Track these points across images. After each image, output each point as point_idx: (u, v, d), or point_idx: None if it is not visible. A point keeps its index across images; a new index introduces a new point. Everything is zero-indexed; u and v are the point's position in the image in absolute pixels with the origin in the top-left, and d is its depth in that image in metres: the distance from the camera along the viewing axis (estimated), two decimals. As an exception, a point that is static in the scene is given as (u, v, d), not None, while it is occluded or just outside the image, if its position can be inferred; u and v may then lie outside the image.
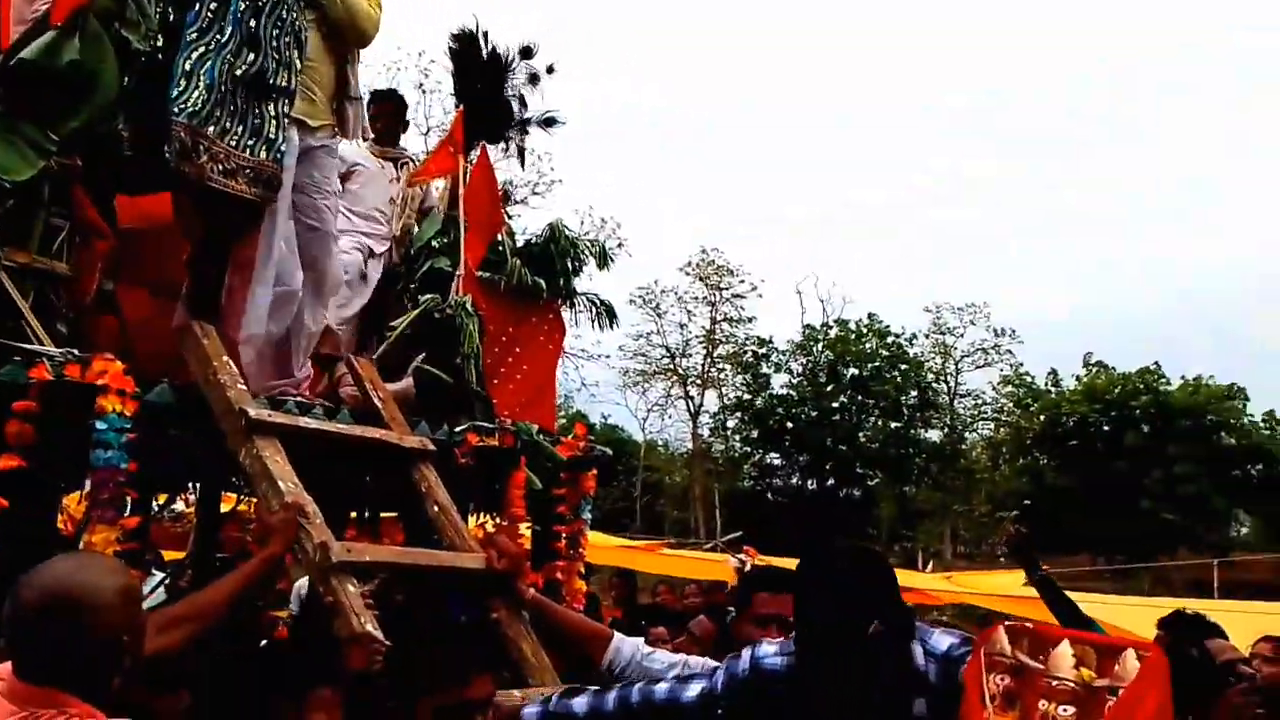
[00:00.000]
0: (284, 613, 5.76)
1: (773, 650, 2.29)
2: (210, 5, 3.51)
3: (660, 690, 2.37)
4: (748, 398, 35.40)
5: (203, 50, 3.47)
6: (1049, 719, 1.92)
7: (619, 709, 2.38)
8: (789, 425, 34.14)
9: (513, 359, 5.25)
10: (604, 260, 5.75)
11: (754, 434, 35.24)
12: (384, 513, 5.32)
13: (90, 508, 2.94)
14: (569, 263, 5.39)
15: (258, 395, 3.42)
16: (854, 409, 34.48)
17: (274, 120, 3.66)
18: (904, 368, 34.61)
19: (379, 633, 2.69)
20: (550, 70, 5.45)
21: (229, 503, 5.33)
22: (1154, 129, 57.86)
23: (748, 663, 2.29)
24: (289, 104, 3.74)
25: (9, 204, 3.21)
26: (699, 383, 35.63)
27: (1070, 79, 60.89)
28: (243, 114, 3.57)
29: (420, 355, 4.47)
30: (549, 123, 5.57)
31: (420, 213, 5.39)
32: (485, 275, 5.15)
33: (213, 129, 3.46)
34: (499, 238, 5.36)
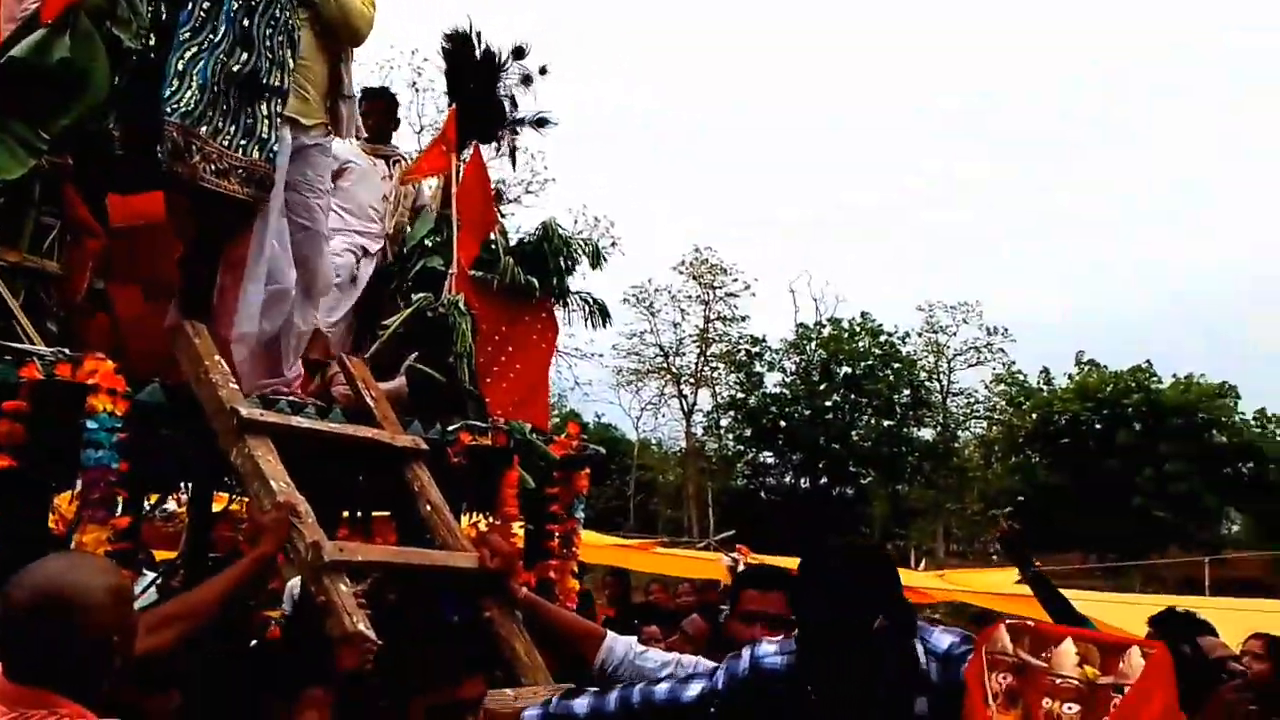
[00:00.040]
0: (277, 612, 5.74)
1: (772, 650, 2.28)
2: (203, 4, 3.49)
3: (661, 691, 2.36)
4: (741, 396, 35.44)
5: (195, 50, 3.46)
6: (1054, 717, 1.91)
7: (620, 709, 2.37)
8: (782, 424, 34.20)
9: (506, 358, 5.24)
10: (597, 259, 5.76)
11: (747, 433, 35.28)
12: (376, 512, 5.32)
13: (81, 507, 2.92)
14: (562, 261, 5.38)
15: (249, 394, 3.42)
16: (847, 408, 34.55)
17: (267, 120, 3.65)
18: (897, 366, 34.69)
19: (371, 632, 2.68)
20: (543, 71, 5.46)
21: (221, 502, 5.32)
22: (1146, 131, 58.09)
23: (747, 662, 2.29)
24: (282, 103, 3.73)
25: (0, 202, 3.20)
26: (692, 381, 35.64)
27: (1062, 81, 61.19)
28: (235, 114, 3.56)
29: (413, 354, 4.47)
30: (541, 123, 5.57)
31: (412, 211, 5.39)
32: (478, 274, 5.14)
33: (205, 129, 3.45)
34: (492, 236, 5.35)
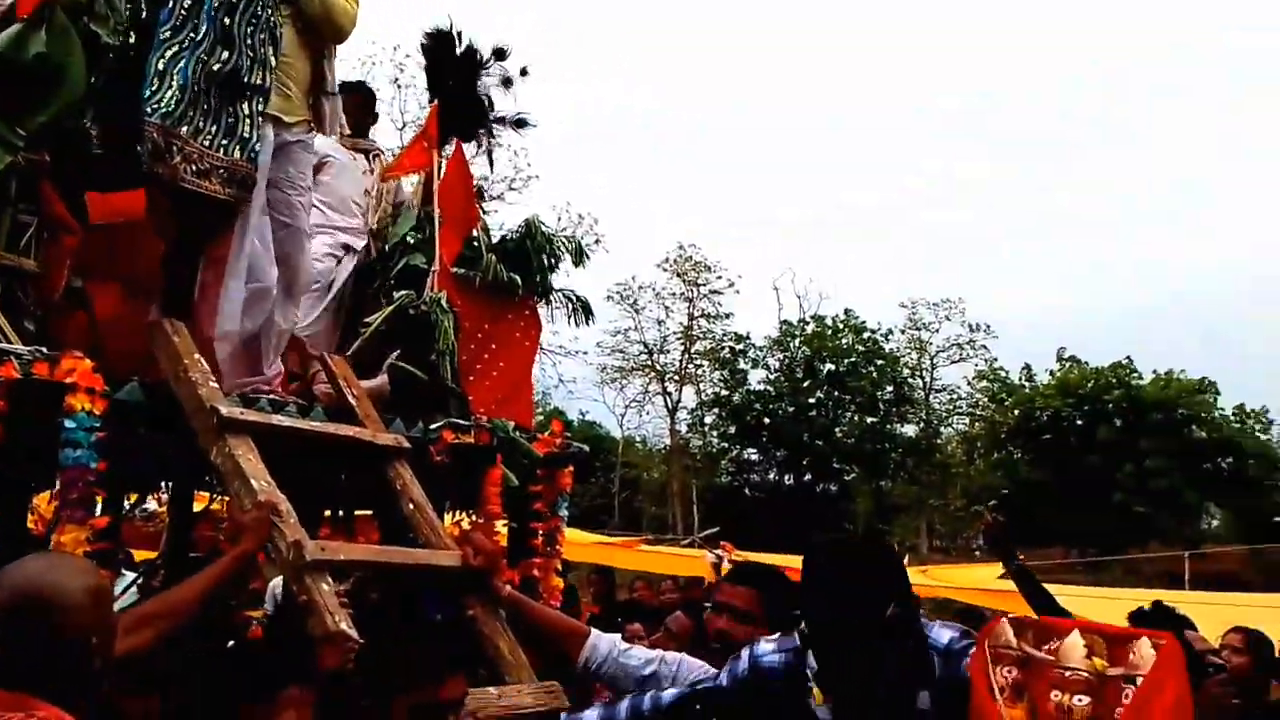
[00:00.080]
0: (259, 612, 5.72)
1: (771, 648, 2.36)
2: (184, 2, 3.45)
3: (668, 696, 2.48)
4: (725, 393, 35.49)
5: (176, 48, 3.42)
6: (1064, 709, 1.90)
7: (630, 717, 2.47)
8: (766, 421, 34.27)
9: (489, 355, 5.23)
10: (580, 257, 5.74)
11: (731, 430, 35.33)
12: (358, 511, 5.29)
13: (60, 507, 2.89)
14: (545, 259, 5.37)
15: (229, 393, 3.40)
16: (830, 404, 34.66)
17: (248, 119, 3.62)
18: (880, 363, 34.83)
19: (353, 631, 2.67)
20: (524, 73, 5.42)
21: (201, 502, 5.28)
22: (1146, 131, 58.28)
23: (747, 662, 2.38)
24: (264, 102, 3.69)
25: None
26: (676, 379, 35.69)
27: (1062, 81, 61.41)
28: (216, 113, 3.52)
29: (395, 352, 4.44)
30: (520, 124, 5.54)
31: (394, 207, 5.36)
32: (460, 271, 5.13)
33: (186, 129, 3.42)
34: (474, 234, 5.34)
